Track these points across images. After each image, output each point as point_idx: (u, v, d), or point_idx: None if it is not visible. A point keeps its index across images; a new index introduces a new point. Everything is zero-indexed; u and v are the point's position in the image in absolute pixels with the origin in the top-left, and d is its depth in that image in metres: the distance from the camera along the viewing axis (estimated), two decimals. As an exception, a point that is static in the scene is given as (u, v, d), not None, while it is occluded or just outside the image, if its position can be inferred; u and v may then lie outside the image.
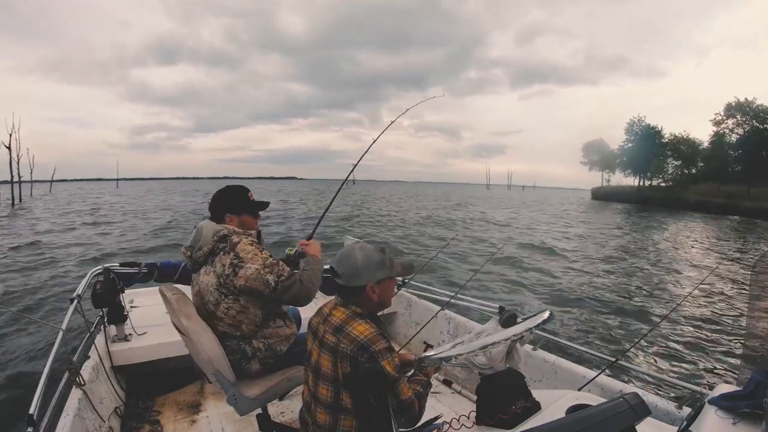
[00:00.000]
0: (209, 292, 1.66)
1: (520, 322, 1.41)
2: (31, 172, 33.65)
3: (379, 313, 1.38)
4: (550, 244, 12.84)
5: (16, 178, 27.46)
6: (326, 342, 1.25)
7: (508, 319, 1.43)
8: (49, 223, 16.01)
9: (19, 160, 27.41)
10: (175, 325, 1.72)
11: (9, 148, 26.67)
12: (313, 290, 1.71)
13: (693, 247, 13.93)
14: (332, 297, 1.37)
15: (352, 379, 1.19)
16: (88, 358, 2.25)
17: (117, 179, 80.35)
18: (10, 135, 26.97)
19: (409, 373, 1.41)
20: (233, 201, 1.81)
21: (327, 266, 3.50)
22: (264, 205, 1.89)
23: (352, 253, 1.29)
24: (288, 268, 1.68)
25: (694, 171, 48.97)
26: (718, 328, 5.60)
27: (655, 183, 53.94)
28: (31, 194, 35.08)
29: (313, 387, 1.31)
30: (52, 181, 46.54)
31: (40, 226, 15.16)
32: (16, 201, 26.04)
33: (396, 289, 3.40)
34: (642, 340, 4.33)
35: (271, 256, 1.68)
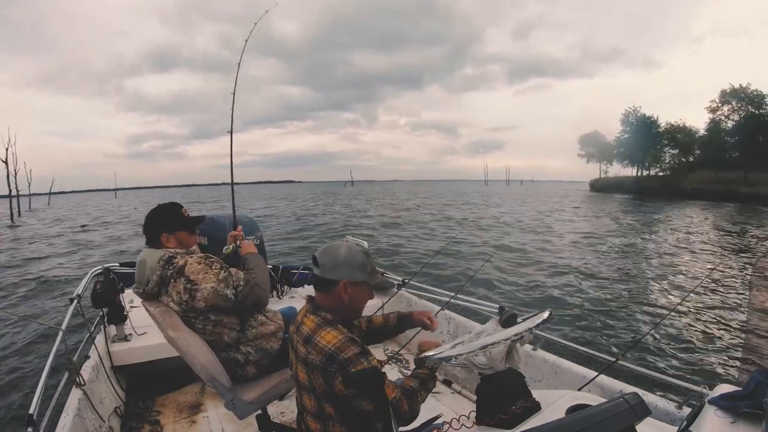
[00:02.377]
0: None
1: (520, 322, 1.41)
2: (29, 186, 33.50)
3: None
4: (551, 242, 12.84)
5: (14, 193, 27.36)
6: (299, 353, 1.23)
7: (508, 319, 1.43)
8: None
9: (16, 174, 27.59)
10: (166, 339, 1.70)
11: (6, 162, 26.67)
12: (266, 292, 1.68)
13: (692, 240, 13.89)
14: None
15: (332, 388, 1.15)
16: (88, 358, 2.26)
17: (115, 189, 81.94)
18: (7, 149, 27.06)
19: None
20: (166, 219, 1.74)
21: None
22: (199, 220, 1.85)
23: (338, 247, 1.27)
24: (241, 274, 1.63)
25: (691, 159, 48.80)
26: (718, 327, 5.59)
27: (652, 172, 53.85)
28: (30, 207, 34.95)
29: (299, 396, 1.30)
30: (50, 194, 46.49)
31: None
32: (15, 215, 25.71)
33: (396, 289, 3.42)
34: (642, 340, 4.32)
35: (222, 267, 1.63)
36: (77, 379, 1.93)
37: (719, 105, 42.37)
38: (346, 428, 1.22)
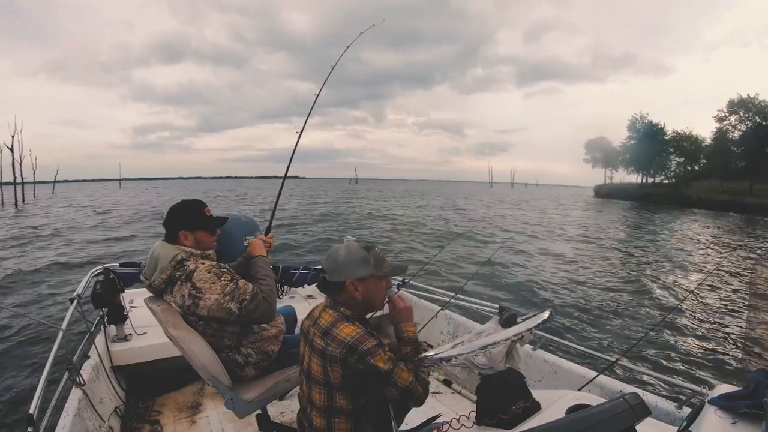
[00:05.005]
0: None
1: (520, 322, 1.41)
2: (33, 174, 33.73)
3: (379, 314, 1.38)
4: (552, 242, 12.84)
5: (18, 180, 27.47)
6: (315, 345, 1.26)
7: (508, 319, 1.43)
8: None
9: (21, 161, 27.61)
10: (167, 335, 1.70)
11: (12, 149, 26.79)
12: (274, 306, 1.65)
13: (694, 246, 13.91)
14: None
15: (350, 379, 1.19)
16: (88, 358, 2.25)
17: (120, 179, 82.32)
18: (13, 137, 27.06)
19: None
20: (188, 217, 1.69)
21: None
22: (222, 221, 1.79)
23: (337, 250, 1.32)
24: (250, 288, 1.60)
25: (697, 168, 48.56)
26: (718, 328, 5.59)
27: (657, 180, 53.77)
28: (34, 195, 35.07)
29: (307, 391, 1.31)
30: (54, 182, 46.69)
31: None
32: (20, 202, 26.05)
33: (396, 289, 3.41)
34: (642, 340, 4.32)
35: (231, 280, 1.59)
36: (77, 379, 1.93)
37: (726, 114, 42.23)
38: (352, 423, 1.24)
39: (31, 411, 1.56)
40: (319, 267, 3.25)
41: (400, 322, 1.42)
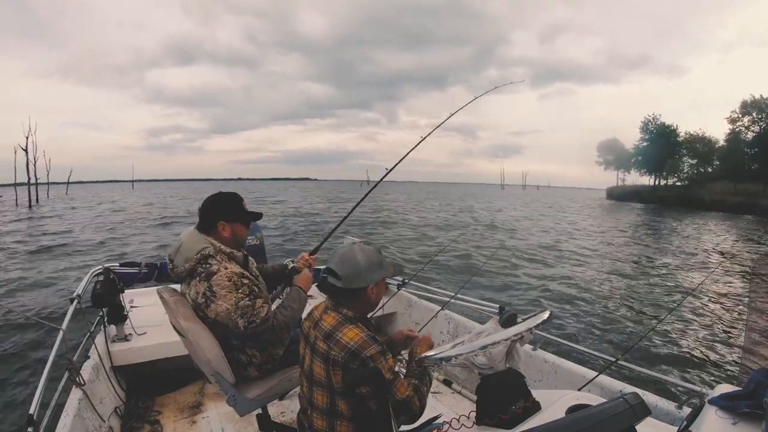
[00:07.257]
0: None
1: (520, 322, 1.41)
2: (47, 175, 33.90)
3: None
4: (554, 242, 12.84)
5: (33, 180, 27.81)
6: (318, 348, 1.24)
7: (508, 319, 1.43)
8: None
9: (36, 162, 27.96)
10: (174, 326, 1.71)
11: (26, 150, 27.13)
12: (284, 336, 1.66)
13: (698, 246, 13.90)
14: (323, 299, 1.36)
15: (349, 382, 1.18)
16: (88, 358, 2.25)
17: (132, 181, 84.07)
18: (27, 138, 27.40)
19: (405, 369, 1.41)
20: (228, 208, 1.71)
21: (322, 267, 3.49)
22: (257, 216, 1.81)
23: (354, 255, 1.26)
24: (264, 312, 1.57)
25: (710, 170, 48.35)
26: (718, 328, 5.59)
27: (670, 182, 53.56)
28: (48, 196, 35.24)
29: (308, 392, 1.30)
30: (68, 183, 46.90)
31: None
32: (33, 203, 26.35)
33: (396, 289, 3.41)
34: (642, 340, 4.32)
35: (248, 294, 1.56)
36: (77, 379, 1.93)
37: (740, 115, 41.98)
38: (353, 426, 1.23)
39: (31, 411, 1.56)
40: (319, 267, 3.26)
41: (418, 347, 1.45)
